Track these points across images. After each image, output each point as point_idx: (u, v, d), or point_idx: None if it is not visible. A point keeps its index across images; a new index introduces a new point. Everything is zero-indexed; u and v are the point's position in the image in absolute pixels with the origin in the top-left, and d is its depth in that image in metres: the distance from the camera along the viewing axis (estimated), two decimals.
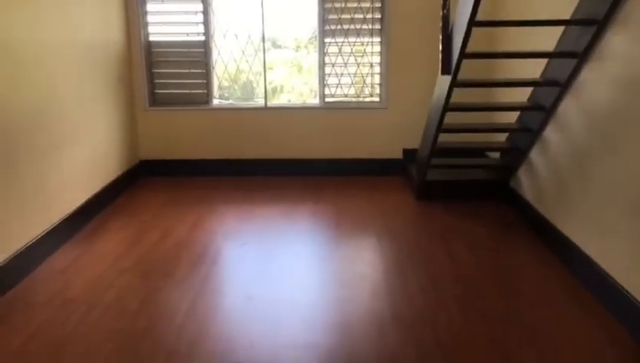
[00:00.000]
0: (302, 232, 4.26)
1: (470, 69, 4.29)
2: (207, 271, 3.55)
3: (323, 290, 3.39)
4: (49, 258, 3.73)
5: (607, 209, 3.14)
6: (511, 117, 4.59)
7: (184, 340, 2.79)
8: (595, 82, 3.36)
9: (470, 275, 3.48)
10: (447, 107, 4.00)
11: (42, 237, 3.67)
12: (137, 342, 2.78)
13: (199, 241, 4.03)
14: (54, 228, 3.83)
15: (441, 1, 3.83)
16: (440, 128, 4.18)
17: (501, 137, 4.83)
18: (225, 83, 5.62)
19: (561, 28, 3.75)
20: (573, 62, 3.52)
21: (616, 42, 3.16)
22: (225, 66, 5.50)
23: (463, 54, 3.58)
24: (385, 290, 3.31)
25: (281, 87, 5.91)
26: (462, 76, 3.88)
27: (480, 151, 5.30)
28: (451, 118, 4.33)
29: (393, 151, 5.61)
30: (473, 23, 3.34)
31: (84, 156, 4.36)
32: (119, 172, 5.07)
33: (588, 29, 3.35)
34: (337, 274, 3.57)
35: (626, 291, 2.87)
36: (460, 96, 4.40)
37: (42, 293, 3.27)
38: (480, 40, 5.10)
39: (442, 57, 3.83)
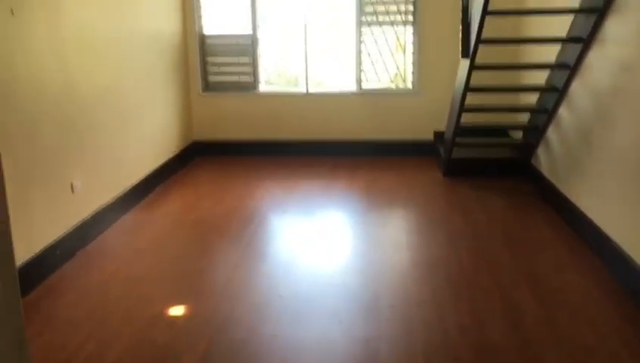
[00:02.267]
0: (337, 202, 4.78)
1: (500, 55, 4.71)
2: (255, 230, 4.12)
3: (353, 245, 3.92)
4: (120, 219, 4.36)
5: (607, 177, 3.53)
6: (534, 99, 4.96)
7: (236, 279, 3.36)
8: (597, 64, 3.76)
9: (483, 233, 3.94)
10: (467, 87, 4.44)
11: (114, 201, 4.30)
12: (196, 281, 3.37)
13: (247, 208, 4.59)
14: (124, 194, 4.46)
15: None
16: (462, 108, 4.62)
17: (526, 118, 5.20)
18: (272, 77, 6.15)
19: (572, 16, 4.13)
20: (579, 46, 3.92)
21: (613, 28, 3.56)
22: (271, 57, 6.05)
23: (479, 40, 4.04)
24: (406, 245, 3.82)
25: (323, 82, 6.36)
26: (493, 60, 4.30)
27: (503, 131, 5.69)
28: (475, 100, 4.76)
29: (425, 133, 6.05)
30: (485, 12, 3.82)
31: (146, 135, 4.99)
32: (176, 151, 5.69)
33: (591, 17, 3.75)
34: (365, 234, 4.09)
35: (619, 246, 3.27)
36: (488, 80, 4.85)
37: (116, 245, 3.90)
38: (507, 27, 5.46)
39: (462, 42, 4.29)
